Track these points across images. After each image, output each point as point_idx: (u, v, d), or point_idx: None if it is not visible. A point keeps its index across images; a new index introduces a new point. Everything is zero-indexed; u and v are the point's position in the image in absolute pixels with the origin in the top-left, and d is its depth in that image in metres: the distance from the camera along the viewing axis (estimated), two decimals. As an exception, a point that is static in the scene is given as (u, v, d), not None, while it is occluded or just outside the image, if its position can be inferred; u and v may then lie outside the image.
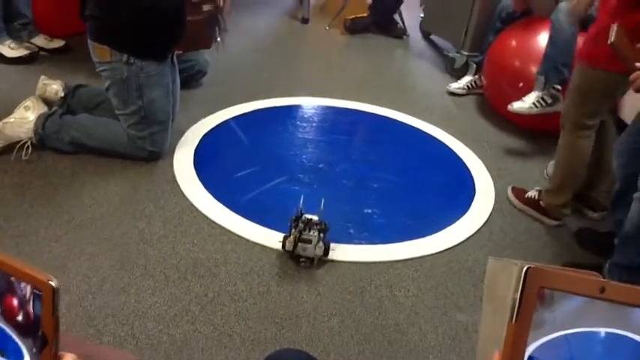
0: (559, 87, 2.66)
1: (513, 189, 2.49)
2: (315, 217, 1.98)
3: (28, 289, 0.66)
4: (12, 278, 0.67)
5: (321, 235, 1.94)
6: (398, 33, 4.17)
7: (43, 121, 2.30)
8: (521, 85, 2.80)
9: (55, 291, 0.66)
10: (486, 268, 0.73)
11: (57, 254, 1.88)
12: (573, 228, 2.30)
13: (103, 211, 2.10)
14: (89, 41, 2.21)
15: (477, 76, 3.32)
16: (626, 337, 0.65)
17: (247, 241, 2.04)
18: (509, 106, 2.75)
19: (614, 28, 1.65)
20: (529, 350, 0.62)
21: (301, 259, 1.94)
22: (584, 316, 0.64)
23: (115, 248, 1.93)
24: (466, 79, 3.37)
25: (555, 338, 0.64)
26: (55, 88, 2.45)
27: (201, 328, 1.68)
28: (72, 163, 2.32)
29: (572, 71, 2.30)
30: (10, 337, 0.69)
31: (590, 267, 2.01)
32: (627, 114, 2.55)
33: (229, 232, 2.07)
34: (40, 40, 3.12)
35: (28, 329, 0.68)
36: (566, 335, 0.64)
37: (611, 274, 1.90)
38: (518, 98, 2.74)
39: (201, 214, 2.14)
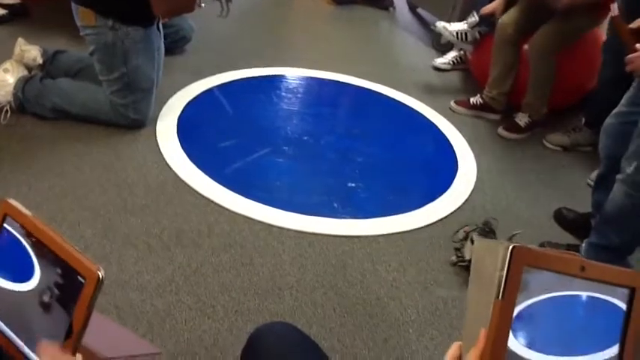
0: (482, 34, 2.97)
1: (456, 101, 2.94)
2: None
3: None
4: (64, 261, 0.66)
5: None
6: (384, 5, 4.13)
7: (22, 84, 2.25)
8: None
9: (99, 281, 0.64)
10: (473, 248, 0.75)
11: (38, 221, 1.86)
12: (551, 209, 2.33)
13: (85, 178, 2.07)
14: (73, 4, 2.15)
15: (462, 52, 3.32)
16: (606, 300, 0.68)
17: (230, 212, 2.04)
18: (437, 23, 3.14)
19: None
20: (516, 310, 0.64)
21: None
22: (566, 282, 0.67)
23: (97, 217, 1.92)
24: (451, 55, 3.36)
25: (539, 300, 0.66)
26: (33, 53, 2.38)
27: (184, 299, 1.68)
28: (52, 128, 2.28)
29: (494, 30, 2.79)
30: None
31: (567, 247, 2.06)
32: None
33: (213, 202, 2.07)
34: None
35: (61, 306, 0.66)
36: (549, 298, 0.66)
37: (588, 253, 1.95)
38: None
39: (185, 184, 2.12)
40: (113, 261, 1.77)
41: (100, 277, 0.64)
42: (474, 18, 2.99)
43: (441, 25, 3.10)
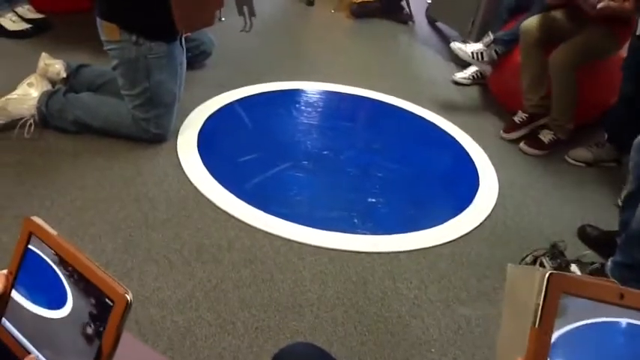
0: (499, 53, 2.97)
1: (505, 130, 2.87)
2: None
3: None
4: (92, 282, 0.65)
5: None
6: (404, 19, 4.13)
7: (46, 98, 2.27)
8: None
9: (128, 305, 0.64)
10: (506, 275, 0.74)
11: (59, 236, 1.86)
12: (575, 226, 2.30)
13: (106, 193, 2.08)
14: (98, 19, 2.17)
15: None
16: None
17: (251, 227, 2.04)
18: (452, 44, 3.14)
19: None
20: (554, 337, 0.63)
21: None
22: (605, 308, 0.65)
23: (118, 231, 1.92)
24: (472, 70, 3.34)
25: (577, 327, 0.64)
26: (57, 67, 2.41)
27: (204, 315, 1.68)
28: (74, 143, 2.29)
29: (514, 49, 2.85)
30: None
31: (593, 266, 2.02)
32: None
33: (233, 217, 2.06)
34: (21, 10, 3.03)
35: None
36: (588, 324, 0.64)
37: (613, 272, 1.91)
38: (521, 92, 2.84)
39: (206, 198, 2.12)
40: (134, 276, 1.77)
41: (129, 300, 0.64)
42: (489, 37, 3.00)
43: (456, 46, 3.10)
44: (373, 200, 2.29)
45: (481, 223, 2.25)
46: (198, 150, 2.37)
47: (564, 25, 2.68)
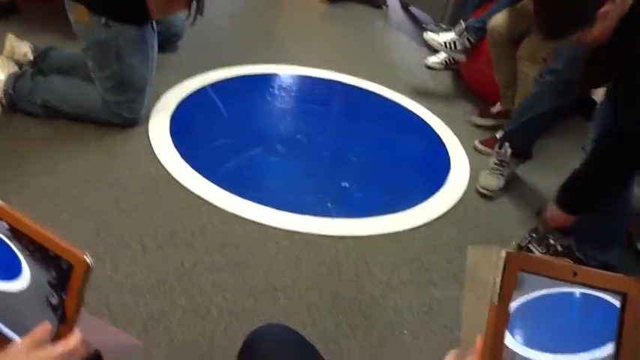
0: (472, 41, 2.94)
1: (481, 141, 2.72)
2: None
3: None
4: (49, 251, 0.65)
5: None
6: (378, 3, 4.14)
7: (13, 81, 2.23)
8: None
9: (88, 267, 0.64)
10: (467, 255, 0.76)
11: (30, 221, 1.84)
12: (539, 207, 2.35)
13: (78, 178, 2.05)
14: (66, 1, 2.12)
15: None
16: (600, 297, 0.69)
17: (224, 211, 2.03)
18: (424, 34, 3.10)
19: None
20: (511, 308, 0.66)
21: None
22: (558, 285, 0.68)
23: (90, 217, 1.90)
24: (444, 54, 3.36)
25: (534, 298, 0.67)
26: (24, 49, 2.36)
27: (178, 300, 1.68)
28: (44, 127, 2.25)
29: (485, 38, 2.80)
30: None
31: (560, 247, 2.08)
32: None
33: (206, 202, 2.06)
34: None
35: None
36: (544, 295, 0.67)
37: (580, 250, 1.97)
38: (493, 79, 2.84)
39: (178, 183, 2.11)
40: (107, 261, 1.75)
41: (89, 262, 0.65)
42: (461, 26, 2.98)
43: (429, 36, 3.08)
44: (346, 184, 2.30)
45: (453, 206, 2.28)
46: (171, 134, 2.35)
47: (530, 18, 2.68)
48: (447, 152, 2.64)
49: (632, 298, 0.68)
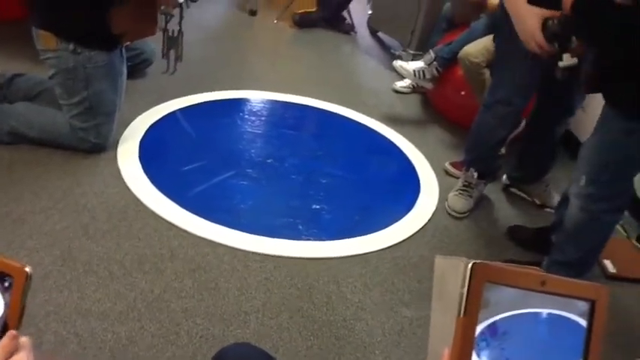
0: (440, 71, 3.01)
1: (452, 163, 2.71)
2: None
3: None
4: None
5: None
6: (346, 29, 4.20)
7: (-23, 109, 2.20)
8: (462, 93, 2.93)
9: (28, 277, 0.64)
10: (434, 266, 0.76)
11: (-6, 249, 1.81)
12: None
13: (44, 204, 2.02)
14: (33, 29, 2.11)
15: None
16: (567, 318, 0.69)
17: (194, 236, 2.02)
18: (394, 62, 3.20)
19: None
20: (477, 330, 0.64)
21: None
22: (526, 299, 0.68)
23: (57, 243, 1.87)
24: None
25: (501, 319, 0.67)
26: (-10, 76, 2.34)
27: (147, 326, 1.65)
28: (10, 153, 2.22)
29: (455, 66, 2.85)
30: None
31: (529, 264, 2.09)
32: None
33: (176, 227, 2.04)
34: None
35: None
36: (511, 316, 0.67)
37: (549, 270, 1.98)
38: (461, 105, 2.87)
39: (147, 208, 2.10)
40: (73, 289, 1.72)
41: (28, 272, 0.65)
42: (430, 55, 3.04)
43: (398, 64, 3.15)
44: (317, 207, 2.31)
45: (422, 227, 2.30)
46: (140, 159, 2.33)
47: None
48: (417, 174, 2.67)
49: (601, 305, 0.69)
